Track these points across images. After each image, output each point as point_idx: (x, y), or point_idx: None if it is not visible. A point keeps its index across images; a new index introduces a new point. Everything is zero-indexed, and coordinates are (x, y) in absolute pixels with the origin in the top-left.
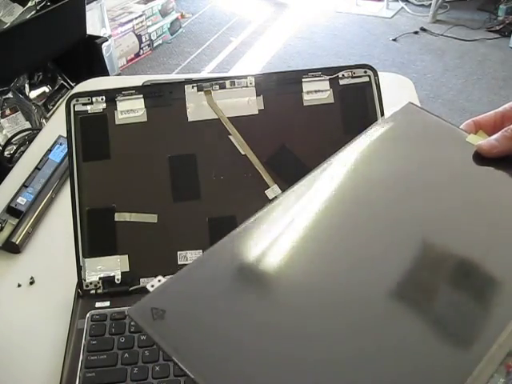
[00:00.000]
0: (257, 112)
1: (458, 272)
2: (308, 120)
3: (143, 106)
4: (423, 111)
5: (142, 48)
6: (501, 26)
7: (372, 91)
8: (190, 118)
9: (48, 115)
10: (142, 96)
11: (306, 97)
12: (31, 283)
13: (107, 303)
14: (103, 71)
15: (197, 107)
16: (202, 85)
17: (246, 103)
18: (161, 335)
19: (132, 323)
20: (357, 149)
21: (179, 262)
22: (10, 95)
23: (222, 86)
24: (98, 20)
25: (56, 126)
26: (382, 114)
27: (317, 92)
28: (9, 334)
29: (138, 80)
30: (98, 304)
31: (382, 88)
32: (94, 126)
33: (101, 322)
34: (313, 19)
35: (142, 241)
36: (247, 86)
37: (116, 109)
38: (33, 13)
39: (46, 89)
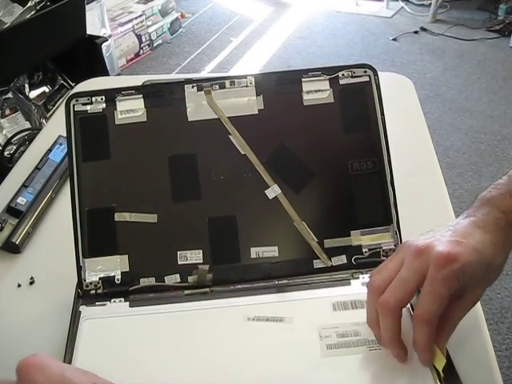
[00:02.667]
0: (257, 112)
1: None
2: (308, 120)
3: (143, 106)
4: None
5: (141, 48)
6: (501, 26)
7: (372, 91)
8: (190, 118)
9: (48, 115)
10: (141, 96)
11: (305, 96)
12: (31, 283)
13: (107, 303)
14: (103, 71)
15: (197, 107)
16: (201, 85)
17: (246, 103)
18: None
19: None
20: None
21: (179, 262)
22: (9, 95)
23: (222, 86)
24: (98, 20)
25: (56, 125)
26: (382, 114)
27: (317, 92)
28: (9, 334)
29: (137, 80)
30: (98, 304)
31: (382, 88)
32: (93, 125)
33: None
34: (313, 19)
35: (141, 241)
36: (247, 86)
37: (116, 109)
38: (33, 13)
39: (45, 89)
